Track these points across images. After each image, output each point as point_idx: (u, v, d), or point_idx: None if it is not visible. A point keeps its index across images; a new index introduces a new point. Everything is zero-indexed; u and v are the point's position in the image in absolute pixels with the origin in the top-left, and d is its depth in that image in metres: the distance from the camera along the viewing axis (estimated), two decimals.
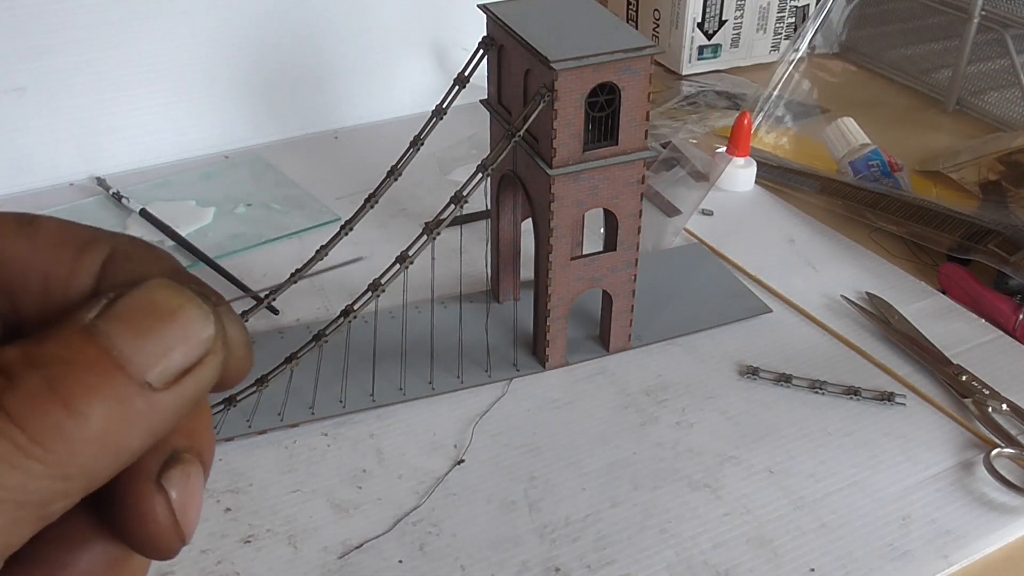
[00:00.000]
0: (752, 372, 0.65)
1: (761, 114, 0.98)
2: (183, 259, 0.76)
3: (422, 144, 0.64)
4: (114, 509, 0.17)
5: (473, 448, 0.59)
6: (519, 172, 0.63)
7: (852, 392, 0.63)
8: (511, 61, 0.62)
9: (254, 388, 0.58)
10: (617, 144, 0.59)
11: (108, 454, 0.16)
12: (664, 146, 0.91)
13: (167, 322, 0.16)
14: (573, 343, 0.66)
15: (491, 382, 0.64)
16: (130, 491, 0.17)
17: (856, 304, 0.72)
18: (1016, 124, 0.98)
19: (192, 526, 0.17)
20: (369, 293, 0.57)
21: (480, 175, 0.58)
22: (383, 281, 0.58)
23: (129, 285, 0.17)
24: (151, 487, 0.17)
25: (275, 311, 0.70)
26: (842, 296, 0.73)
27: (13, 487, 0.15)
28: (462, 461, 0.58)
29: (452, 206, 0.58)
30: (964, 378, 0.64)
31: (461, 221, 0.70)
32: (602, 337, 0.67)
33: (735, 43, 1.15)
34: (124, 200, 0.83)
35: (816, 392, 0.63)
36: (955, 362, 0.65)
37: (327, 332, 0.58)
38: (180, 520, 0.17)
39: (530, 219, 0.63)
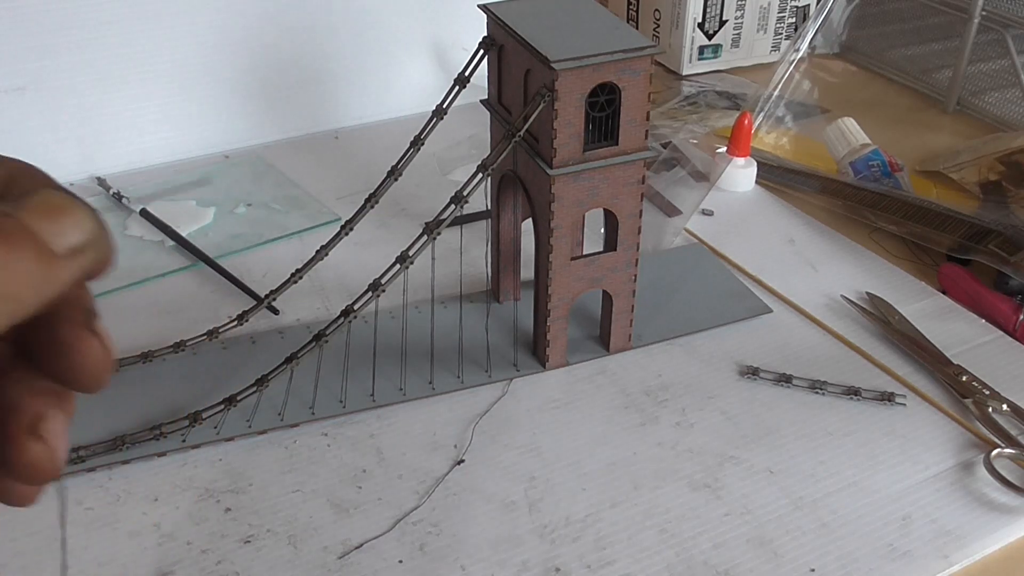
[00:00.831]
0: (752, 372, 0.65)
1: (761, 114, 0.98)
2: (183, 259, 0.77)
3: (422, 144, 0.64)
4: (58, 353, 0.23)
5: (473, 448, 0.59)
6: (519, 172, 0.63)
7: (852, 392, 0.63)
8: (511, 61, 0.62)
9: (254, 388, 0.58)
10: (617, 144, 0.59)
11: (32, 291, 0.22)
12: (664, 146, 0.91)
13: (62, 213, 0.22)
14: (573, 343, 0.66)
15: (491, 382, 0.64)
16: (74, 335, 0.23)
17: (856, 304, 0.72)
18: (1016, 124, 0.98)
19: (113, 363, 0.24)
20: (369, 293, 0.58)
21: (480, 175, 0.58)
22: (383, 281, 0.58)
23: (24, 193, 0.22)
24: (88, 332, 0.23)
25: (275, 311, 0.70)
26: (842, 296, 0.73)
27: None
28: (462, 461, 0.58)
29: (452, 206, 0.58)
30: (964, 378, 0.64)
31: (461, 221, 0.70)
32: (602, 337, 0.67)
33: (736, 43, 1.15)
34: (124, 200, 0.83)
35: (816, 392, 0.63)
36: (955, 362, 0.65)
37: (327, 332, 0.58)
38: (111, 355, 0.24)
39: (530, 219, 0.63)
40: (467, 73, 0.63)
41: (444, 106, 0.63)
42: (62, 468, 0.24)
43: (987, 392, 0.63)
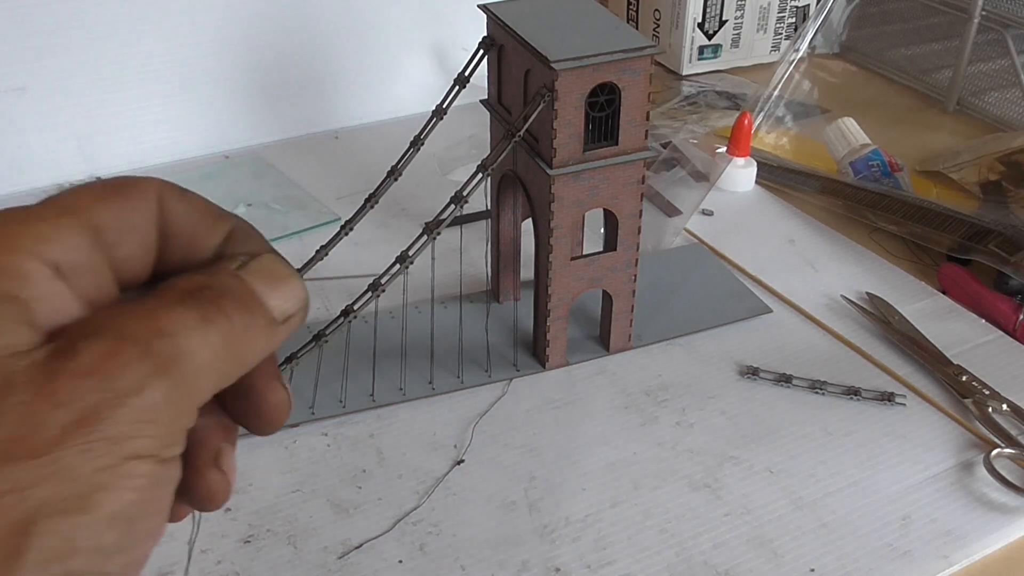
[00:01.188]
0: (752, 372, 0.65)
1: (761, 114, 0.98)
2: None
3: (422, 144, 0.64)
4: (247, 399, 0.25)
5: (473, 448, 0.59)
6: (519, 172, 0.63)
7: (852, 392, 0.63)
8: (511, 61, 0.62)
9: None
10: (617, 144, 0.59)
11: (256, 355, 0.24)
12: (664, 146, 0.91)
13: (283, 282, 0.25)
14: (573, 343, 0.66)
15: (491, 382, 0.64)
16: (265, 385, 0.25)
17: (856, 304, 0.72)
18: (1016, 124, 0.98)
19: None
20: (369, 293, 0.57)
21: (480, 175, 0.58)
22: (383, 281, 0.58)
23: (246, 254, 0.25)
24: (281, 385, 0.26)
25: None
26: (842, 296, 0.73)
27: (220, 361, 0.23)
28: (462, 461, 0.58)
29: (452, 206, 0.58)
30: (964, 378, 0.64)
31: (461, 221, 0.70)
32: (602, 337, 0.67)
33: (735, 43, 1.15)
34: None
35: (816, 392, 0.63)
36: (955, 362, 0.65)
37: (327, 332, 0.58)
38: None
39: (530, 219, 0.63)
40: (467, 73, 0.63)
41: (444, 106, 0.63)
42: (231, 496, 0.26)
43: (987, 392, 0.63)
